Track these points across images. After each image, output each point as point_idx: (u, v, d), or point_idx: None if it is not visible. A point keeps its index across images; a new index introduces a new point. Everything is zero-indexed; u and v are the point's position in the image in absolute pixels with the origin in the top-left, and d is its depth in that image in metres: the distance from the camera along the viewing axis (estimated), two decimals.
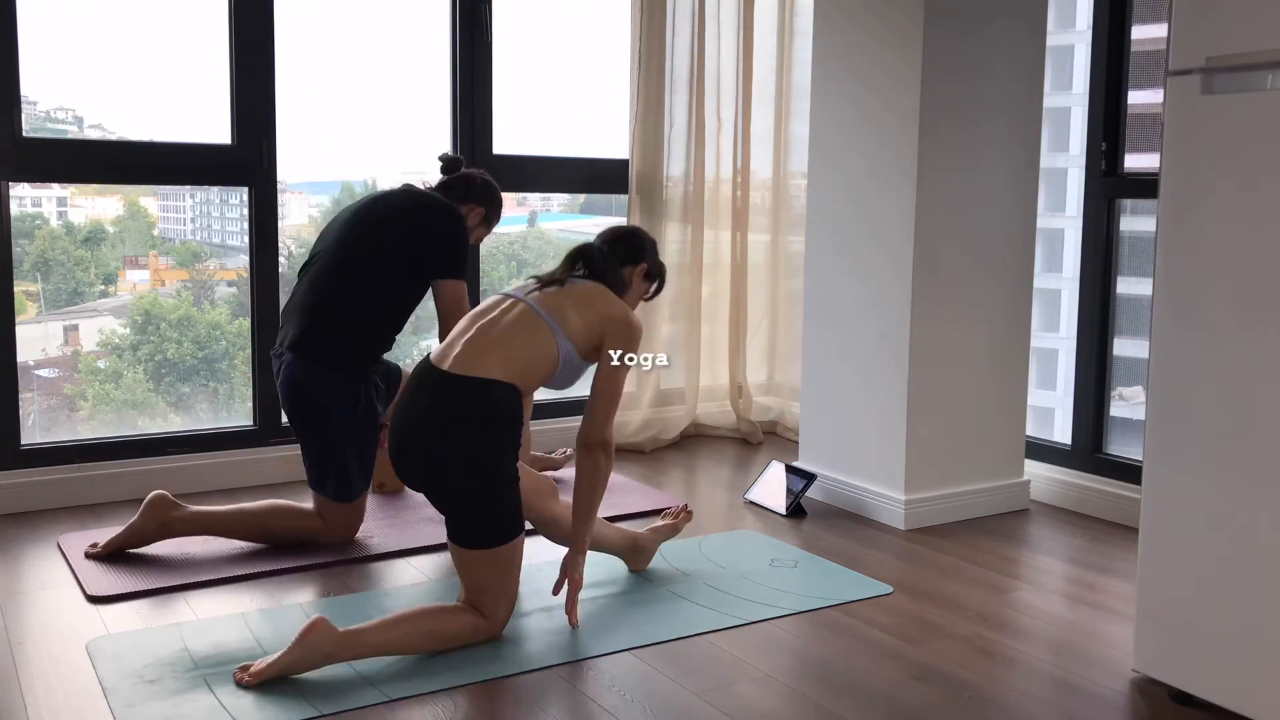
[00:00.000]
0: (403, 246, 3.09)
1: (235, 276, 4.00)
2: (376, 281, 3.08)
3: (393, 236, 3.10)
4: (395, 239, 3.09)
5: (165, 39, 3.66)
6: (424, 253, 3.10)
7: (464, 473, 2.44)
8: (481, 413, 2.45)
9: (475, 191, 3.32)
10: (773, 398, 4.78)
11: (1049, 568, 3.10)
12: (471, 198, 3.31)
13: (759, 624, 2.65)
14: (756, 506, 3.63)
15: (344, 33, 3.95)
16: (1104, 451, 3.62)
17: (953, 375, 3.47)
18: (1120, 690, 2.35)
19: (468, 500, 2.46)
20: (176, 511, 3.00)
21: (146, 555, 3.02)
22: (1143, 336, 3.53)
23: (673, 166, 4.36)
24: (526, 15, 4.21)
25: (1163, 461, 2.30)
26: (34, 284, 3.69)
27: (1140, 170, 3.51)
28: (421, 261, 3.10)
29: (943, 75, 3.32)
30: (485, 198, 3.35)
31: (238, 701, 2.21)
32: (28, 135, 3.40)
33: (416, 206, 3.16)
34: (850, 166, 3.53)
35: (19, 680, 2.31)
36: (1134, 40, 3.51)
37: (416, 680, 2.32)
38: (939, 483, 3.48)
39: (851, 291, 3.55)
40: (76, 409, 3.74)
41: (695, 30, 4.32)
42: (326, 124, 3.94)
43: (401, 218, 3.13)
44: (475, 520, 2.47)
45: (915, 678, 2.39)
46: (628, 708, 2.24)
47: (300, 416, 3.07)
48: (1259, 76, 2.09)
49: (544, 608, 2.73)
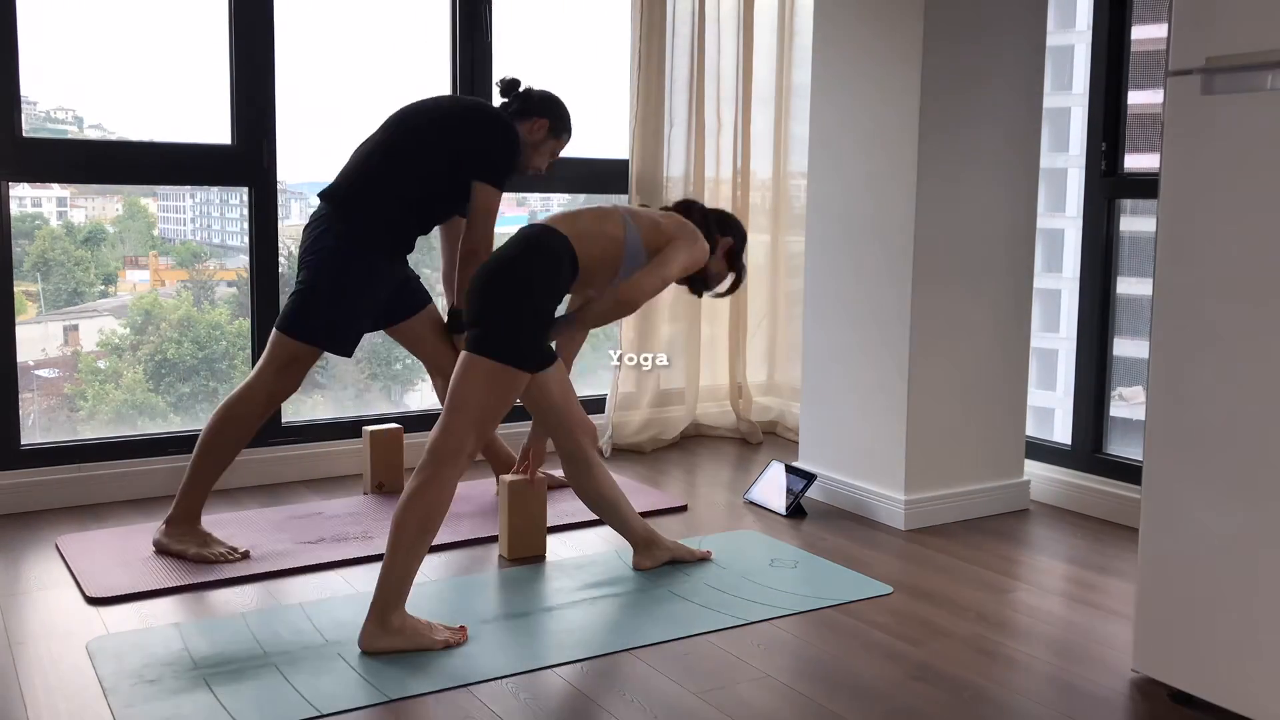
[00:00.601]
0: (448, 142, 3.13)
1: (235, 276, 4.00)
2: (417, 169, 3.12)
3: (441, 132, 3.14)
4: (443, 134, 3.14)
5: (165, 39, 3.66)
6: (467, 152, 3.13)
7: (512, 287, 2.62)
8: (542, 250, 2.67)
9: (534, 105, 3.34)
10: (773, 398, 4.78)
11: (1049, 568, 3.10)
12: (532, 112, 3.33)
13: (759, 624, 2.66)
14: (756, 506, 3.63)
15: (344, 33, 3.95)
16: (1104, 451, 3.62)
17: (953, 375, 3.47)
18: (1120, 690, 2.35)
19: (502, 310, 2.60)
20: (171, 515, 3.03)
21: (146, 556, 3.02)
22: (1143, 336, 3.53)
23: (673, 166, 4.36)
24: (526, 15, 4.21)
25: (1163, 461, 2.30)
26: (34, 284, 3.69)
27: (1140, 170, 3.51)
28: (462, 160, 3.13)
29: (943, 75, 3.32)
30: (546, 108, 3.35)
31: (238, 701, 2.21)
32: (28, 135, 3.40)
33: (471, 109, 3.22)
34: (850, 166, 3.53)
35: (19, 680, 2.31)
36: (1134, 40, 3.51)
37: (416, 680, 2.32)
38: (939, 483, 3.48)
39: (851, 291, 3.55)
40: (76, 409, 3.74)
41: (695, 30, 4.33)
42: (326, 124, 3.94)
43: (453, 118, 3.17)
44: (496, 331, 2.58)
45: (915, 678, 2.39)
46: (628, 708, 2.24)
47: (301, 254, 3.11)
48: (1259, 76, 2.09)
49: (544, 608, 2.73)
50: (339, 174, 3.18)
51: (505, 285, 2.63)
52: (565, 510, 3.46)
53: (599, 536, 3.30)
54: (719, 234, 2.99)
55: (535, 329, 2.65)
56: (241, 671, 2.35)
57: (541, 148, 3.35)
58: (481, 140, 3.15)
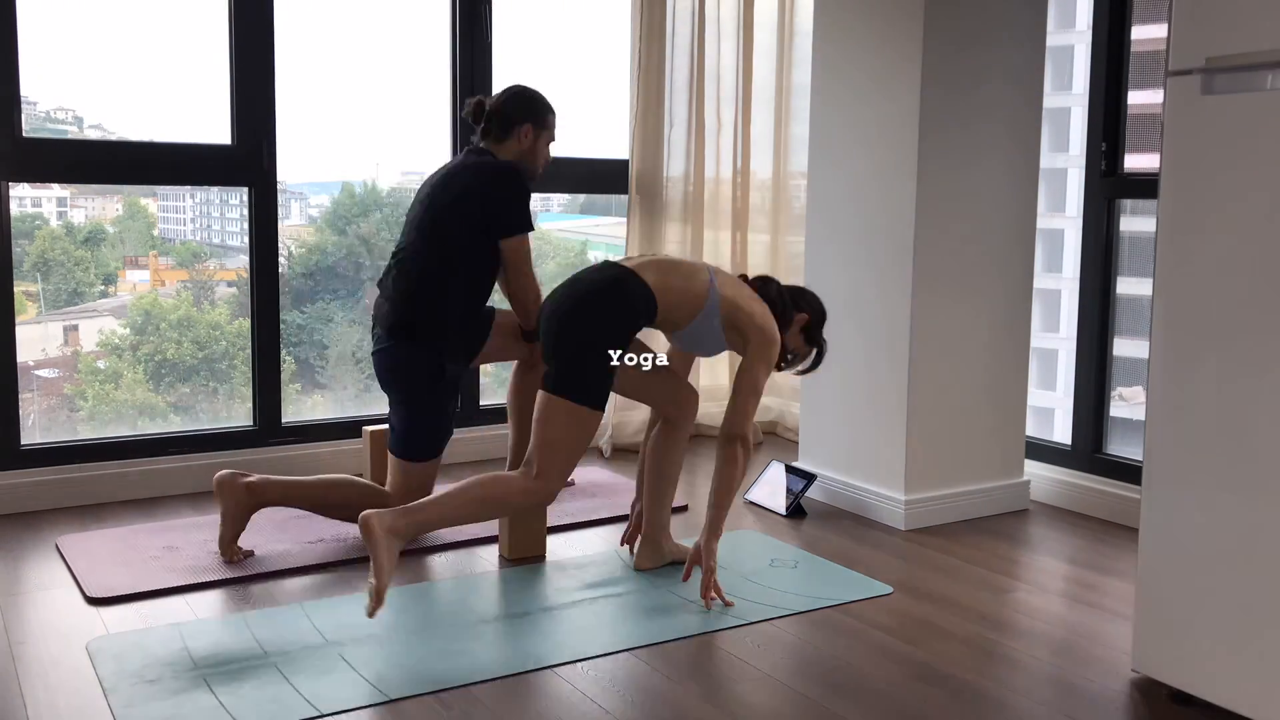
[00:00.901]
0: (471, 218, 3.15)
1: (235, 276, 4.00)
2: (458, 257, 3.16)
3: (460, 213, 3.16)
4: (463, 214, 3.15)
5: (165, 39, 3.66)
6: (489, 220, 3.17)
7: (589, 326, 2.72)
8: (622, 295, 2.74)
9: (509, 114, 3.30)
10: (773, 398, 4.78)
11: (1049, 568, 3.10)
12: (510, 124, 3.30)
13: (759, 624, 2.65)
14: (756, 506, 3.63)
15: (344, 33, 3.95)
16: (1104, 451, 3.62)
17: (953, 375, 3.47)
18: (1120, 690, 2.35)
19: (578, 350, 2.72)
20: (246, 478, 3.04)
21: (146, 556, 3.02)
22: (1143, 336, 3.53)
23: (673, 167, 4.36)
24: (526, 15, 4.21)
25: (1163, 461, 2.30)
26: (34, 284, 3.69)
27: (1140, 170, 3.51)
28: (489, 228, 3.18)
29: (943, 75, 3.32)
30: (521, 110, 3.31)
31: (238, 701, 2.21)
32: (28, 135, 3.40)
33: (475, 178, 3.21)
34: (850, 166, 3.53)
35: (19, 680, 2.31)
36: (1134, 40, 3.51)
37: (416, 680, 2.32)
38: (939, 483, 3.48)
39: (851, 292, 3.55)
40: (76, 409, 3.74)
41: (695, 30, 4.32)
42: (326, 124, 3.95)
43: (464, 193, 3.18)
44: (574, 372, 2.71)
45: (915, 678, 2.39)
46: (628, 708, 2.24)
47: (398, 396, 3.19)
48: (1259, 76, 2.09)
49: (544, 608, 2.73)
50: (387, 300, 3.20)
51: (582, 328, 2.73)
52: (565, 510, 3.46)
53: (599, 536, 3.30)
54: (795, 311, 2.97)
55: (602, 369, 2.73)
56: (241, 671, 2.35)
57: (537, 146, 3.34)
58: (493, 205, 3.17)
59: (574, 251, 4.87)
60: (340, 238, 4.17)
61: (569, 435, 2.72)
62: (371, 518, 2.50)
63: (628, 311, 2.75)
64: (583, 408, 2.71)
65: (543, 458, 2.71)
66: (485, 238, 3.18)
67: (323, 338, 4.09)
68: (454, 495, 2.65)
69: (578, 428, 2.72)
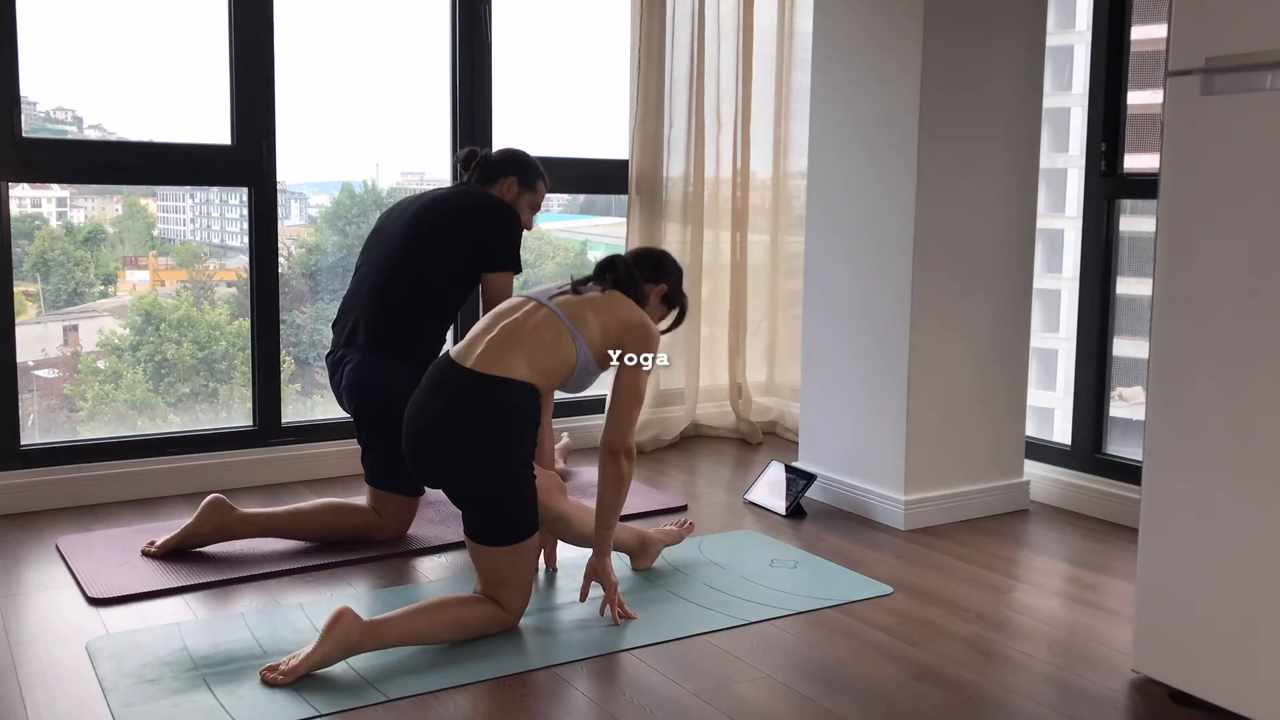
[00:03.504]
0: (461, 244, 3.16)
1: (235, 277, 4.00)
2: (440, 277, 3.15)
3: (452, 235, 3.16)
4: (455, 237, 3.16)
5: (165, 39, 3.66)
6: (478, 248, 3.17)
7: (484, 472, 2.48)
8: (503, 411, 2.49)
9: (496, 167, 3.33)
10: (772, 398, 4.78)
11: (1049, 568, 3.10)
12: (496, 174, 3.32)
13: (759, 624, 2.65)
14: (756, 507, 3.63)
15: (344, 33, 3.95)
16: (1104, 451, 3.62)
17: (953, 375, 3.47)
18: (1120, 690, 2.35)
19: (487, 498, 2.50)
20: (233, 514, 3.01)
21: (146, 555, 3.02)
22: (1143, 336, 3.53)
23: (672, 166, 4.36)
24: (526, 15, 4.21)
25: (1163, 461, 2.30)
26: (34, 284, 3.69)
27: (1140, 170, 3.51)
28: (478, 258, 3.18)
29: (943, 74, 3.32)
30: (509, 166, 3.34)
31: (237, 701, 2.21)
32: (28, 135, 3.40)
33: (470, 205, 3.22)
34: (850, 166, 3.53)
35: (19, 680, 2.31)
36: (1134, 40, 3.51)
37: (416, 680, 2.32)
38: (939, 483, 3.48)
39: (851, 291, 3.55)
40: (76, 409, 3.74)
41: (695, 30, 4.32)
42: (326, 124, 3.95)
43: (456, 216, 3.19)
44: (493, 518, 2.51)
45: (915, 678, 2.39)
46: (628, 708, 2.24)
47: (370, 412, 3.10)
48: (1259, 76, 2.09)
49: (543, 608, 2.73)
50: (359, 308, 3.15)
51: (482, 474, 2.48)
52: None
53: None
54: (648, 284, 2.81)
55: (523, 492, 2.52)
56: (241, 671, 2.34)
57: (519, 204, 3.34)
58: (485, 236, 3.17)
59: (574, 252, 4.87)
60: (340, 238, 4.18)
61: (516, 569, 2.54)
62: (346, 618, 2.31)
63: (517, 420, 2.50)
64: (516, 545, 2.52)
65: (501, 595, 2.54)
66: (472, 265, 3.18)
67: (323, 338, 4.09)
68: (428, 614, 2.45)
69: (523, 561, 2.54)
